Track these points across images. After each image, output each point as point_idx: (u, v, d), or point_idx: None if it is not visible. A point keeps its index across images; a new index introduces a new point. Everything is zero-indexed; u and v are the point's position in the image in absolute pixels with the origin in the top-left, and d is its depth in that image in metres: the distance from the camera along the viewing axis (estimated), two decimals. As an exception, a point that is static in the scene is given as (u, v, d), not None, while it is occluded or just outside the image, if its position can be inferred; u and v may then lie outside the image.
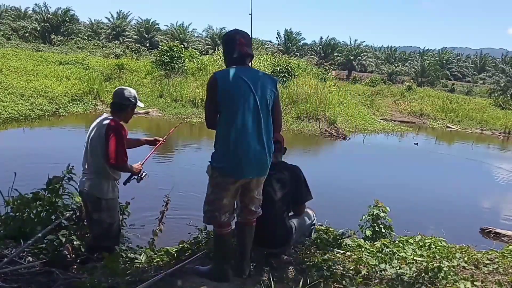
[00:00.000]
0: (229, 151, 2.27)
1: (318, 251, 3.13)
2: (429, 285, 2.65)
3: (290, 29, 51.05)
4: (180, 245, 3.06)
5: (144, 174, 3.07)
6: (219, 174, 2.32)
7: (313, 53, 49.68)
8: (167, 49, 18.66)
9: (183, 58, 18.97)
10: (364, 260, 2.90)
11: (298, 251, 3.08)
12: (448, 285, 2.65)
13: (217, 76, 2.33)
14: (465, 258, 3.16)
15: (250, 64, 2.47)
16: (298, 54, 46.22)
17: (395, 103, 24.63)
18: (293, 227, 2.81)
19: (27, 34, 35.74)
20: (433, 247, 3.38)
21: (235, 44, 2.36)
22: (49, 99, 13.85)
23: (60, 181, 3.17)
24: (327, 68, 33.84)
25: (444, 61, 50.06)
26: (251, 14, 2.92)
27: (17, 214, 3.09)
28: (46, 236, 2.85)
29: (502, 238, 5.85)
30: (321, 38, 51.62)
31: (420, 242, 3.49)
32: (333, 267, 2.75)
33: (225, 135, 2.28)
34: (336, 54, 48.07)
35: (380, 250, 3.14)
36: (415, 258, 3.05)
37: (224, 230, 2.44)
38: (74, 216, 3.18)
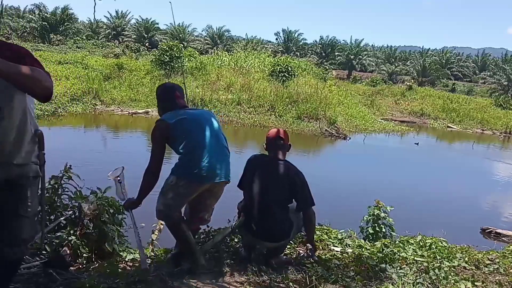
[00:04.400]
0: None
1: (318, 251, 3.12)
2: (430, 286, 2.64)
3: (290, 28, 51.01)
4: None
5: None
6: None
7: (313, 52, 49.67)
8: (167, 48, 18.65)
9: (182, 57, 18.96)
10: (364, 260, 2.89)
11: (298, 250, 3.08)
12: (448, 285, 2.64)
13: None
14: (466, 258, 3.15)
15: None
16: (298, 53, 46.24)
17: (395, 103, 24.62)
18: (292, 219, 2.80)
19: (26, 33, 35.71)
20: (434, 247, 3.37)
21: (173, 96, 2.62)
22: (48, 99, 13.82)
23: (59, 180, 3.15)
24: (327, 67, 33.84)
25: (445, 61, 50.01)
26: (170, 1, 2.93)
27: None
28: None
29: (503, 238, 5.84)
30: (321, 37, 51.54)
31: (420, 242, 3.49)
32: (333, 267, 2.75)
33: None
34: (337, 53, 48.07)
35: (381, 250, 3.13)
36: (415, 258, 3.05)
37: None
38: (73, 216, 3.16)
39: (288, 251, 3.10)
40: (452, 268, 2.91)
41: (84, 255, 2.81)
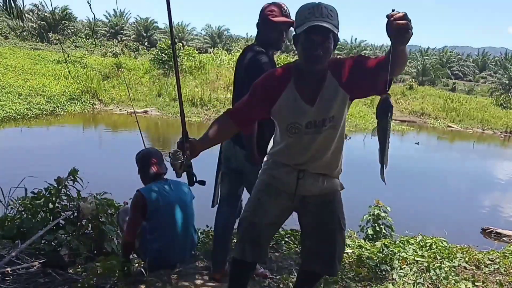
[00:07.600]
0: None
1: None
2: (430, 286, 2.63)
3: (290, 28, 50.79)
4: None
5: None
6: None
7: (313, 52, 49.63)
8: (165, 47, 18.60)
9: (181, 56, 18.92)
10: (365, 260, 2.88)
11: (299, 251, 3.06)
12: (449, 285, 2.63)
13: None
14: (466, 259, 3.14)
15: None
16: (298, 53, 46.09)
17: (395, 102, 24.57)
18: None
19: (25, 32, 35.60)
20: (434, 247, 3.37)
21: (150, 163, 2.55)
22: (46, 98, 13.82)
23: (63, 182, 3.13)
24: (327, 67, 33.64)
25: (445, 60, 49.99)
26: None
27: (16, 214, 3.08)
28: (44, 236, 2.83)
29: (503, 238, 5.84)
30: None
31: (421, 242, 3.48)
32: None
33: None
34: (337, 52, 48.06)
35: (381, 250, 3.12)
36: (416, 258, 3.04)
37: None
38: (72, 216, 3.15)
39: (287, 252, 3.08)
40: (453, 268, 2.91)
41: (83, 255, 2.81)
